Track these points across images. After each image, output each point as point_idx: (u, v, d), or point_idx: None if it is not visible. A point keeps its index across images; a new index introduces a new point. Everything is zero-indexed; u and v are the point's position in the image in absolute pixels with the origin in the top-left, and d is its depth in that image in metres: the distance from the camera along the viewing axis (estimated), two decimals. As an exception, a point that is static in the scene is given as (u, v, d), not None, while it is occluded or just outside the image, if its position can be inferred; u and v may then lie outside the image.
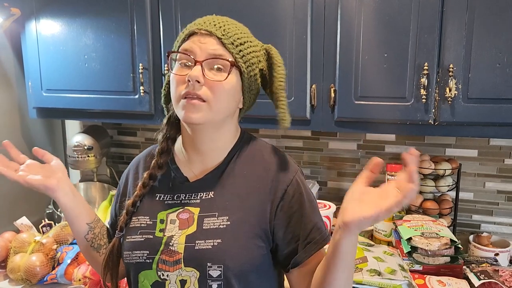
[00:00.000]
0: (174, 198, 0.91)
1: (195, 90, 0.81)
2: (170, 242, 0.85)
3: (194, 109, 0.82)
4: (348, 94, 1.42)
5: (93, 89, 1.71)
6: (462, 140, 1.71)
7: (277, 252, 0.89)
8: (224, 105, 0.85)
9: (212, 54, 0.82)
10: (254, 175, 0.90)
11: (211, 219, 0.86)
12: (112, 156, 2.26)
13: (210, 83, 0.82)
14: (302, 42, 1.43)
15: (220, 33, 0.83)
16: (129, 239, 0.89)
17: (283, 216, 0.87)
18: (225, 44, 0.83)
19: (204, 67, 0.82)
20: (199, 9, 1.51)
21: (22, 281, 1.49)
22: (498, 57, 1.26)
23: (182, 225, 0.86)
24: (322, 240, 0.88)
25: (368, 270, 1.25)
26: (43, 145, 2.04)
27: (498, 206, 1.72)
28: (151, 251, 0.86)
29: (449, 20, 1.28)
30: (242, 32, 0.87)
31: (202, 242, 0.83)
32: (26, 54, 1.79)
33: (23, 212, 1.77)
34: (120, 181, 1.04)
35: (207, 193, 0.89)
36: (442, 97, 1.31)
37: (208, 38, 0.83)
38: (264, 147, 0.95)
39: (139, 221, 0.91)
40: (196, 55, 0.82)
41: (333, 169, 1.92)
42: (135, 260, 0.87)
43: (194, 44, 0.83)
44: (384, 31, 1.35)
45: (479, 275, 1.26)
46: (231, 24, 0.87)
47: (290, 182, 0.88)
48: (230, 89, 0.84)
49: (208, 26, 0.83)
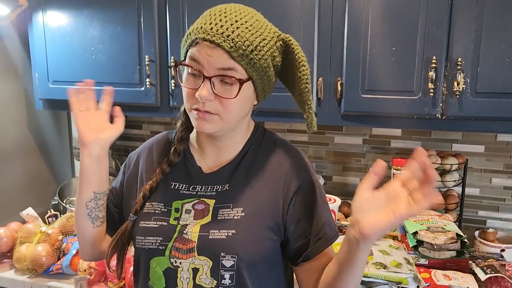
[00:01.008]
0: (190, 189, 0.91)
1: (205, 107, 0.80)
2: (184, 230, 0.85)
3: (206, 121, 0.82)
4: (355, 87, 1.41)
5: (100, 81, 1.69)
6: (469, 135, 1.70)
7: (287, 246, 0.89)
8: (237, 115, 0.84)
9: (220, 68, 0.78)
10: (268, 169, 0.90)
11: (225, 210, 0.86)
12: (118, 149, 2.26)
13: (221, 98, 0.80)
14: (309, 35, 1.42)
15: (228, 45, 0.77)
16: (142, 224, 0.89)
17: (296, 212, 0.87)
18: (234, 57, 0.78)
19: (214, 81, 0.79)
20: (206, 1, 1.50)
21: (28, 271, 1.50)
22: (508, 52, 1.25)
23: (197, 215, 0.87)
24: (332, 236, 0.89)
25: (374, 263, 1.24)
26: (49, 136, 2.06)
27: (505, 202, 1.71)
28: (164, 237, 0.86)
29: (458, 13, 1.27)
30: (255, 32, 0.80)
31: (216, 231, 0.83)
32: (33, 45, 1.79)
33: (29, 203, 1.77)
34: (127, 161, 1.02)
35: (223, 186, 0.89)
36: (450, 91, 1.30)
37: (215, 50, 0.77)
38: (278, 141, 0.95)
39: (153, 207, 0.90)
40: (204, 68, 0.79)
41: (339, 163, 1.91)
42: (147, 246, 0.87)
43: (201, 56, 0.78)
44: (392, 24, 1.34)
45: (486, 269, 1.25)
46: (243, 23, 0.79)
47: (304, 178, 0.89)
48: (242, 101, 0.83)
49: (215, 36, 0.77)
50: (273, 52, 0.84)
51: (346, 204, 1.81)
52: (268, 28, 0.84)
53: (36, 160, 1.99)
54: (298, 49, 0.85)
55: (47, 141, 2.04)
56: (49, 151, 2.06)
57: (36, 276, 1.51)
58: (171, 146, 0.95)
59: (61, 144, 2.14)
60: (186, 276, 0.84)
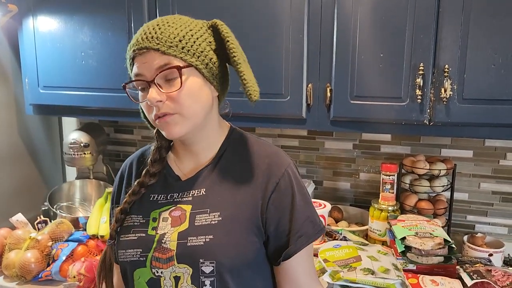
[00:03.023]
0: (168, 197, 0.91)
1: (161, 110, 0.81)
2: (163, 239, 0.85)
3: (170, 125, 0.83)
4: (344, 93, 1.42)
5: (90, 86, 1.71)
6: (458, 140, 1.72)
7: (267, 245, 0.89)
8: (195, 107, 0.84)
9: (157, 68, 0.80)
10: (245, 169, 0.89)
11: (202, 216, 0.86)
12: (109, 154, 2.26)
13: (170, 96, 0.81)
14: (298, 41, 1.43)
15: (154, 43, 0.80)
16: (123, 238, 0.90)
17: (275, 210, 0.87)
18: (164, 51, 0.80)
19: (159, 83, 0.81)
20: (196, 7, 1.51)
21: (17, 278, 1.49)
22: (493, 58, 1.26)
23: (174, 222, 0.87)
24: (315, 233, 0.89)
25: (362, 269, 1.25)
26: (40, 142, 2.05)
27: (493, 206, 1.72)
28: (144, 249, 0.86)
29: (445, 20, 1.29)
30: (178, 26, 0.83)
31: (194, 238, 0.83)
32: (23, 50, 1.79)
33: (19, 209, 1.77)
34: (114, 183, 1.04)
35: (199, 190, 0.89)
36: (437, 97, 1.32)
37: (147, 54, 0.81)
38: (255, 141, 0.95)
39: (132, 219, 0.92)
40: (146, 76, 0.81)
41: (329, 168, 1.92)
42: (129, 259, 0.88)
43: (139, 67, 0.82)
44: (380, 31, 1.35)
45: (472, 275, 1.26)
46: (165, 24, 0.83)
47: (281, 175, 0.88)
48: (192, 90, 0.83)
49: (141, 43, 0.81)
50: (206, 38, 0.85)
51: (337, 209, 1.82)
52: (195, 22, 0.86)
53: (26, 166, 1.98)
54: (222, 26, 0.85)
55: (37, 147, 2.03)
56: (40, 157, 2.05)
57: (25, 283, 1.49)
58: (145, 166, 0.95)
59: (51, 150, 2.13)
60: (169, 285, 0.84)
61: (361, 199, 1.90)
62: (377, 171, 1.83)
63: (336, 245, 1.41)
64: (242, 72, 0.83)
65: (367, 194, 1.88)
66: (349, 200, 1.93)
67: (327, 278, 1.23)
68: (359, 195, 1.91)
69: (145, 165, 0.95)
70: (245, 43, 1.47)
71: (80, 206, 2.01)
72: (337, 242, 1.45)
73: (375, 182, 1.85)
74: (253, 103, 0.84)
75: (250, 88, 0.83)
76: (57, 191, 1.99)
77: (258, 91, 0.85)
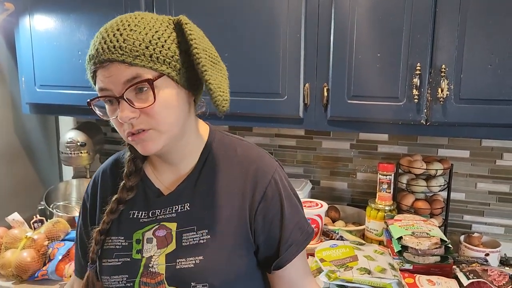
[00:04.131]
0: (150, 215, 0.85)
1: (134, 127, 0.74)
2: (150, 263, 0.80)
3: (145, 141, 0.75)
4: (341, 93, 1.42)
5: (87, 85, 1.68)
6: (455, 140, 1.72)
7: (257, 254, 0.86)
8: (171, 118, 0.76)
9: (125, 82, 0.71)
10: (230, 179, 0.84)
11: (190, 234, 0.81)
12: (106, 153, 2.25)
13: (143, 111, 0.73)
14: (295, 41, 1.43)
15: (118, 54, 0.70)
16: (105, 263, 0.84)
17: (262, 220, 0.83)
18: (131, 62, 0.70)
19: (128, 97, 0.72)
20: (194, 6, 1.51)
21: (13, 277, 1.49)
22: (490, 58, 1.26)
23: (161, 243, 0.82)
24: (304, 240, 0.86)
25: (358, 269, 1.25)
26: (37, 141, 2.05)
27: (489, 206, 1.73)
28: (130, 274, 0.81)
29: (442, 20, 1.29)
30: (142, 29, 0.73)
31: (183, 260, 0.79)
32: (19, 49, 1.78)
33: (15, 208, 1.76)
34: (86, 196, 0.94)
35: (182, 206, 0.84)
36: (434, 97, 1.32)
37: (111, 67, 0.71)
38: (238, 145, 0.88)
39: (113, 242, 0.85)
40: (113, 90, 0.72)
41: (326, 168, 1.92)
42: (114, 285, 0.82)
43: (104, 82, 0.72)
44: (377, 31, 1.36)
45: (468, 275, 1.26)
46: (126, 28, 0.72)
47: (268, 182, 0.83)
48: (167, 102, 0.75)
49: (102, 54, 0.71)
50: (174, 38, 0.75)
51: (334, 209, 1.82)
52: (159, 20, 0.76)
53: (22, 165, 1.97)
54: (187, 26, 0.75)
55: (34, 146, 2.03)
56: (36, 156, 2.04)
57: (21, 282, 1.49)
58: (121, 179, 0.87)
59: (48, 149, 2.13)
60: None
61: (358, 199, 1.90)
62: (374, 171, 1.84)
63: (333, 244, 1.42)
64: (208, 81, 0.73)
65: (364, 193, 1.88)
66: (346, 199, 1.93)
67: (323, 278, 1.23)
68: (356, 194, 1.91)
69: (121, 178, 0.87)
70: (243, 43, 1.49)
71: (77, 205, 2.00)
72: (334, 242, 1.46)
73: (372, 182, 1.85)
74: (221, 114, 0.74)
75: (217, 98, 0.73)
76: (53, 190, 1.99)
77: (228, 101, 0.75)
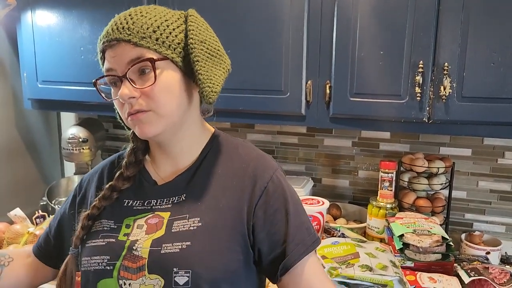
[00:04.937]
0: (145, 204, 0.83)
1: (134, 107, 0.75)
2: (134, 246, 0.77)
3: (143, 122, 0.76)
4: (344, 90, 1.42)
5: (89, 81, 1.69)
6: (457, 139, 1.72)
7: (261, 258, 0.80)
8: (171, 103, 0.77)
9: (129, 61, 0.74)
10: (230, 173, 0.82)
11: (180, 222, 0.78)
12: (107, 149, 2.25)
13: (143, 91, 0.74)
14: (298, 38, 1.43)
15: (125, 34, 0.73)
16: (89, 243, 0.82)
17: (264, 216, 0.79)
18: (136, 43, 0.73)
19: (132, 78, 0.75)
20: (196, 3, 1.50)
21: (15, 272, 1.49)
22: (493, 57, 1.26)
23: (150, 229, 0.79)
24: (312, 242, 0.81)
25: (360, 266, 1.25)
26: (38, 137, 2.05)
27: (491, 205, 1.73)
28: (112, 256, 0.78)
29: (445, 19, 1.29)
30: (153, 16, 0.76)
31: (169, 245, 0.75)
32: (21, 45, 1.78)
33: (17, 203, 1.76)
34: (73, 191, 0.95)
35: (179, 196, 0.82)
36: (437, 95, 1.32)
37: (118, 47, 0.74)
38: (240, 145, 0.88)
39: (102, 224, 0.83)
40: (117, 70, 0.75)
41: (328, 165, 1.92)
42: (93, 268, 0.78)
43: (110, 61, 0.75)
44: (380, 29, 1.35)
45: (470, 272, 1.27)
46: (138, 14, 0.76)
47: (270, 178, 0.81)
48: (168, 85, 0.76)
49: (111, 34, 0.74)
50: (183, 29, 0.78)
51: (335, 206, 1.82)
52: (171, 12, 0.80)
53: (24, 160, 1.97)
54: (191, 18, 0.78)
55: (36, 141, 2.03)
56: (38, 151, 2.04)
57: (23, 277, 1.49)
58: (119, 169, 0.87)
59: (50, 144, 2.13)
60: None
61: (360, 197, 1.90)
62: (375, 169, 1.84)
63: (334, 242, 1.42)
64: (197, 71, 0.75)
65: (366, 191, 1.88)
66: (347, 197, 1.93)
67: (325, 275, 1.24)
68: (358, 192, 1.91)
69: (119, 167, 0.87)
70: (245, 39, 1.49)
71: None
72: (336, 239, 1.46)
73: (373, 180, 1.85)
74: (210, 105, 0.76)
75: (205, 89, 0.75)
76: (55, 186, 1.99)
77: (217, 93, 0.77)
